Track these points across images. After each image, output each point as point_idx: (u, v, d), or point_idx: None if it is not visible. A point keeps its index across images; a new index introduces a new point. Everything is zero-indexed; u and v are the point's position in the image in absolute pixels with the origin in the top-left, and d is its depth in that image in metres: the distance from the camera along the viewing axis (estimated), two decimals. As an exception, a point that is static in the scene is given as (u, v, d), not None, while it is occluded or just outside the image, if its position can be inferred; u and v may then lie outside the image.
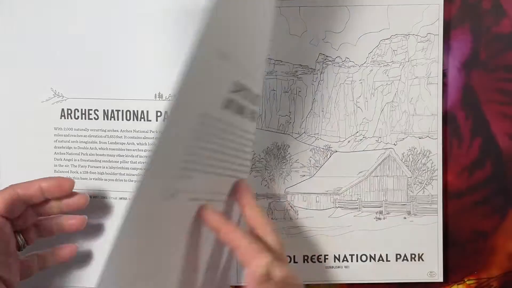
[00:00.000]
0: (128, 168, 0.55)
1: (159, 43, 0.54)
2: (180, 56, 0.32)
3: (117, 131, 0.55)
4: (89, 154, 0.55)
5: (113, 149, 0.55)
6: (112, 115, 0.55)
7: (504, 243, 0.57)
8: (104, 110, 0.55)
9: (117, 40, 0.55)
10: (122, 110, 0.55)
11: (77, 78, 0.55)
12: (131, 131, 0.55)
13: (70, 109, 0.55)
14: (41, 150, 0.55)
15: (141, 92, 0.55)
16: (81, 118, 0.55)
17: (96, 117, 0.55)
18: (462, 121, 0.57)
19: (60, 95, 0.55)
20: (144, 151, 0.54)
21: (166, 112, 0.51)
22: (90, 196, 0.52)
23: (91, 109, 0.55)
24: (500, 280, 0.57)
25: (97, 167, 0.55)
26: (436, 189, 0.56)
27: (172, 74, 0.53)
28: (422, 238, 0.57)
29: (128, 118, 0.55)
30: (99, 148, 0.55)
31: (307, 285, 0.58)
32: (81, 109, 0.55)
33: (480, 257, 0.56)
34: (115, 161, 0.55)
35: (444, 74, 0.56)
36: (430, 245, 0.57)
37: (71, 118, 0.55)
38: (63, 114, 0.55)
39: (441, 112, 0.56)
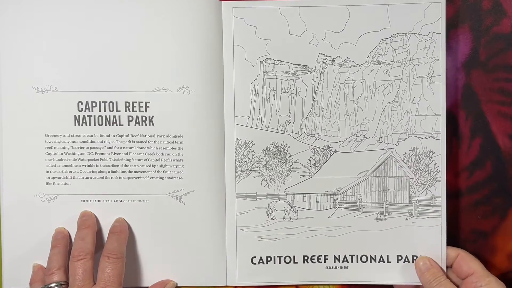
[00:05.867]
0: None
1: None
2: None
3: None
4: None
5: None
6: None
7: (504, 243, 0.56)
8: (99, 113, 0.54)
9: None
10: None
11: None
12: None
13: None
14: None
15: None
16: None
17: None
18: (462, 121, 0.55)
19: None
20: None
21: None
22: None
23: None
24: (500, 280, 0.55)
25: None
26: (439, 190, 0.54)
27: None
28: (424, 240, 0.54)
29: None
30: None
31: (307, 285, 0.56)
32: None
33: (480, 257, 0.54)
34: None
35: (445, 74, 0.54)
36: (433, 247, 0.54)
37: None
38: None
39: (444, 111, 0.54)
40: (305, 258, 0.55)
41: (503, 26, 0.54)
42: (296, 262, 0.55)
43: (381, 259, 0.55)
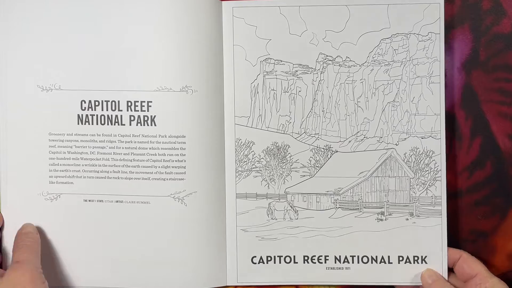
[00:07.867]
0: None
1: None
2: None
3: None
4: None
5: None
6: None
7: (504, 243, 0.55)
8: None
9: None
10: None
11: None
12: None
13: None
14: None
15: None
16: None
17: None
18: (462, 121, 0.54)
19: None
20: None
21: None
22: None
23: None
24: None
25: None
26: (439, 190, 0.53)
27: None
28: (425, 240, 0.53)
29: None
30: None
31: (307, 286, 0.55)
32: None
33: (480, 257, 0.53)
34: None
35: (444, 74, 0.53)
36: (433, 247, 0.53)
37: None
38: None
39: (444, 111, 0.53)
40: (306, 258, 0.54)
41: (503, 26, 0.54)
42: (296, 262, 0.54)
43: (382, 260, 0.54)
